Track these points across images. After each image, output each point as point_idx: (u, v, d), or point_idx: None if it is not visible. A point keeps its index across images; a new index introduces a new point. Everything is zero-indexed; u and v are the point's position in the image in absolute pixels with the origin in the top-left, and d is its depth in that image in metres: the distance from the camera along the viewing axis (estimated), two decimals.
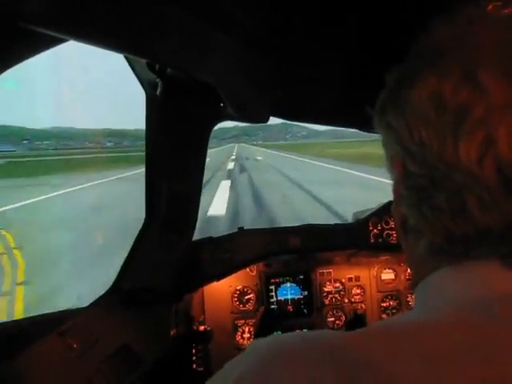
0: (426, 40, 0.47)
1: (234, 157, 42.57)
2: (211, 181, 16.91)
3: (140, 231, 1.36)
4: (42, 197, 13.96)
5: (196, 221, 1.42)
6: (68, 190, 16.34)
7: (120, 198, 12.61)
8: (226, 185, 16.26)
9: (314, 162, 29.49)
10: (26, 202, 12.90)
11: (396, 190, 0.52)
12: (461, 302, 0.41)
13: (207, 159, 1.27)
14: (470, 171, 0.39)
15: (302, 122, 1.22)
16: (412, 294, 1.92)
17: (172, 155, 1.19)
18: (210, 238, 1.62)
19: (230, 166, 28.77)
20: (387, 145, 0.52)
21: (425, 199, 0.45)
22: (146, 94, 1.07)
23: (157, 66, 0.86)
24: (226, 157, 41.76)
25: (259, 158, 40.47)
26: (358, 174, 18.79)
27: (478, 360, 0.34)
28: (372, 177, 15.83)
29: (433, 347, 0.36)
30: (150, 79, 0.99)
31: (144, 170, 1.25)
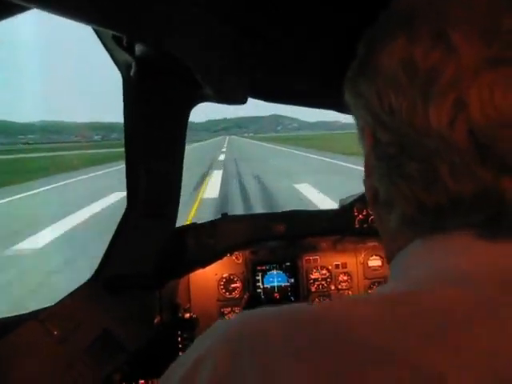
0: (395, 4, 0.45)
1: (224, 149, 43.16)
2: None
3: (122, 217, 1.34)
4: None
5: (178, 206, 1.41)
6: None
7: None
8: (217, 174, 18.53)
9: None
10: None
11: (367, 162, 0.50)
12: (435, 273, 0.38)
13: (198, 153, 1.26)
14: (440, 136, 0.37)
15: (280, 103, 1.20)
16: None
17: (150, 138, 1.16)
18: (194, 224, 1.61)
19: (221, 157, 30.96)
20: (358, 115, 0.50)
21: (395, 168, 0.43)
22: (122, 76, 1.04)
23: (124, 41, 0.83)
24: (217, 150, 42.37)
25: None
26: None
27: (456, 329, 0.32)
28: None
29: (411, 315, 0.34)
30: (125, 60, 0.97)
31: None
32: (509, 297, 0.33)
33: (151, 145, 1.18)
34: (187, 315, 1.65)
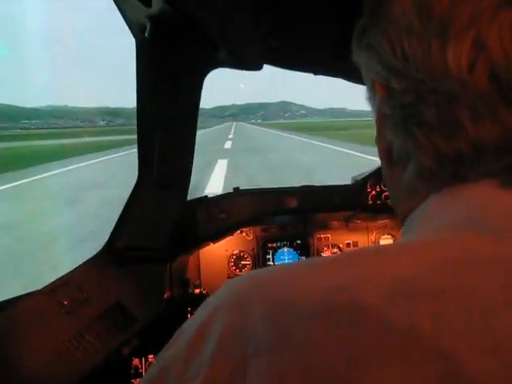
0: None
1: (231, 136, 41.15)
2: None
3: (133, 189, 1.33)
4: None
5: (189, 178, 1.39)
6: None
7: None
8: (222, 164, 14.92)
9: None
10: None
11: (379, 115, 0.48)
12: (455, 223, 0.36)
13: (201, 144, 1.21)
14: (460, 80, 0.35)
15: (296, 70, 1.17)
16: None
17: (163, 106, 1.14)
18: (205, 198, 1.59)
19: (228, 145, 27.02)
20: (368, 68, 0.48)
21: (411, 116, 0.41)
22: (135, 37, 1.02)
23: None
24: (223, 138, 38.37)
25: None
26: None
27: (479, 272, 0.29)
28: None
29: (427, 262, 0.31)
30: (139, 21, 0.94)
31: None
32: None
33: (164, 113, 1.16)
34: (197, 291, 1.65)
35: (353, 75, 1.17)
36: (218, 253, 1.84)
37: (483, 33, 0.34)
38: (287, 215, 1.80)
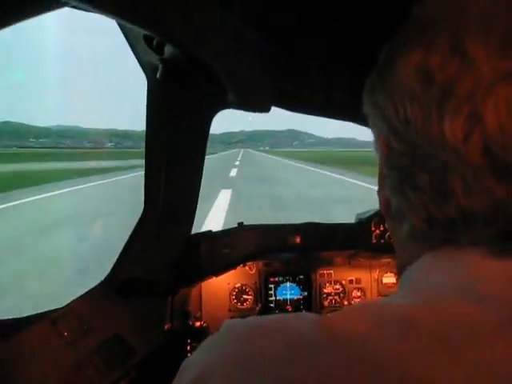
0: (416, 16, 0.45)
1: (238, 163, 39.58)
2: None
3: (138, 221, 1.34)
4: None
5: (194, 214, 1.40)
6: None
7: None
8: (224, 195, 12.87)
9: None
10: None
11: (380, 173, 0.50)
12: (443, 287, 0.37)
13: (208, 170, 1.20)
14: (454, 150, 0.37)
15: (304, 113, 1.19)
16: None
17: (172, 143, 1.17)
18: (209, 232, 1.60)
19: (233, 173, 24.86)
20: (374, 125, 0.50)
21: (407, 179, 0.43)
22: (147, 77, 1.05)
23: (155, 41, 0.84)
24: (229, 164, 35.73)
25: None
26: None
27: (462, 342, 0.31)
28: None
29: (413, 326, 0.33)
30: (151, 62, 0.98)
31: None
32: None
33: (172, 150, 1.18)
34: (198, 323, 1.63)
35: (360, 123, 1.19)
36: (220, 286, 1.83)
37: (480, 106, 0.35)
38: (290, 251, 1.80)
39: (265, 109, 1.11)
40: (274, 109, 1.10)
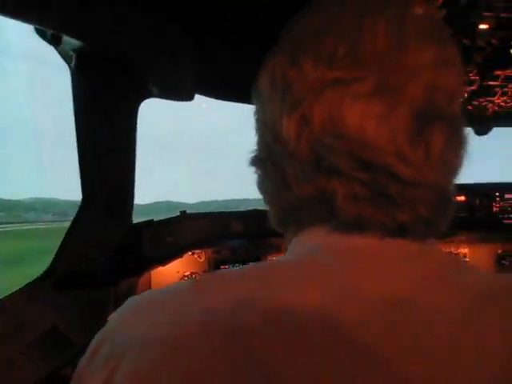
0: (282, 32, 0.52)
1: None
2: None
3: (76, 214, 1.33)
4: None
5: (133, 202, 1.40)
6: None
7: None
8: None
9: None
10: None
11: None
12: (308, 250, 0.45)
13: None
14: (289, 145, 0.44)
15: (228, 100, 1.20)
16: None
17: (100, 134, 1.16)
18: (151, 221, 1.60)
19: None
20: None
21: (265, 172, 0.51)
22: (70, 69, 1.04)
23: (48, 33, 0.82)
24: None
25: None
26: None
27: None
28: None
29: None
30: (68, 54, 0.96)
31: None
32: (352, 263, 0.42)
33: (102, 140, 1.18)
34: None
35: None
36: (169, 274, 1.84)
37: (309, 109, 0.42)
38: (241, 238, 1.82)
39: (188, 97, 1.11)
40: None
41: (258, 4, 0.83)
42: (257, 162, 0.53)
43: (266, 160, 0.50)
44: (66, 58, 1.02)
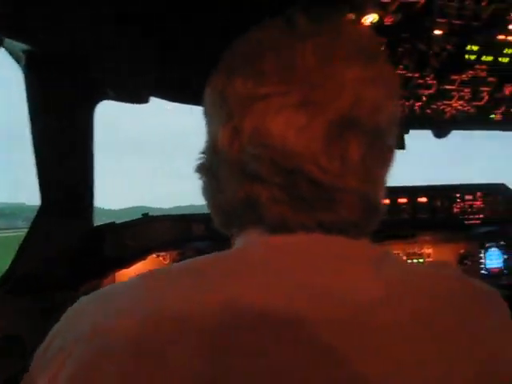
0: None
1: None
2: None
3: (34, 218, 1.31)
4: None
5: (92, 205, 1.39)
6: None
7: None
8: None
9: None
10: None
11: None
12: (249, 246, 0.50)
13: None
14: (223, 154, 0.49)
15: (183, 103, 1.21)
16: None
17: (56, 136, 1.15)
18: (113, 224, 1.59)
19: None
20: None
21: (207, 178, 0.56)
22: (21, 69, 1.02)
23: None
24: None
25: None
26: None
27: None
28: None
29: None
30: (19, 55, 0.96)
31: None
32: (282, 256, 0.45)
33: (57, 142, 1.17)
34: None
35: None
36: (134, 276, 1.82)
37: (240, 120, 0.46)
38: (203, 240, 1.82)
39: (142, 99, 1.11)
40: None
41: (214, 4, 0.84)
42: (202, 169, 0.56)
43: (209, 167, 0.54)
44: (16, 58, 1.01)
